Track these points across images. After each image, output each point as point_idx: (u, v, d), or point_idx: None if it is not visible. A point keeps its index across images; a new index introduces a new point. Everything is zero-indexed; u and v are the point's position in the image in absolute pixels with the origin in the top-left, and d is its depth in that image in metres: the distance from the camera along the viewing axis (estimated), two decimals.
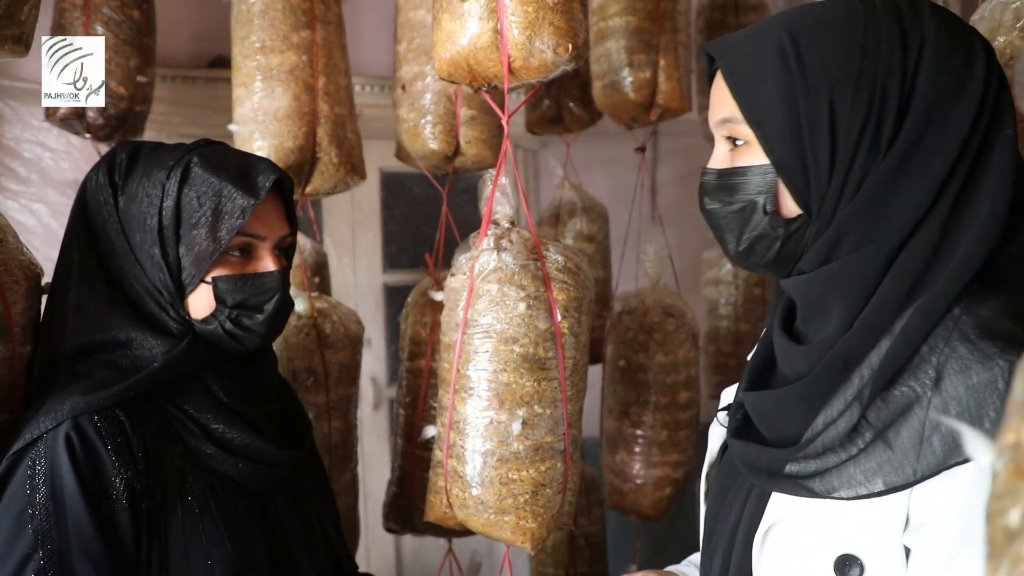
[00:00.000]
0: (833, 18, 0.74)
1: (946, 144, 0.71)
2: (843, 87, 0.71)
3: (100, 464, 0.92)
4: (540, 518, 1.14)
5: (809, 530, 0.74)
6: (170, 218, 1.01)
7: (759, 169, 0.76)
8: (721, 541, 0.83)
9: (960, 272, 0.69)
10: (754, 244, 0.79)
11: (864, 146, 0.72)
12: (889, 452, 0.68)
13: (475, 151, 1.57)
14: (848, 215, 0.73)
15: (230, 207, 1.01)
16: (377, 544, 2.73)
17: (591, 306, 1.21)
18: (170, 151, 1.06)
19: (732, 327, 2.41)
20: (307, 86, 1.46)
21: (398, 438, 1.69)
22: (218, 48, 2.36)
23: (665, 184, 3.03)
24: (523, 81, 1.10)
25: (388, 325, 2.90)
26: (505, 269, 1.13)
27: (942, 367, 0.67)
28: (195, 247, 1.01)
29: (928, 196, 0.70)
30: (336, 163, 1.50)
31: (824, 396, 0.73)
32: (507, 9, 1.01)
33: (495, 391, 1.12)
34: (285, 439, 1.13)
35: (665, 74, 1.88)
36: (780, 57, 0.73)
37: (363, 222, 2.87)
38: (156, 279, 1.02)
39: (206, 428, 1.02)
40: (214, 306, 1.04)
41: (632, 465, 1.89)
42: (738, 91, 0.76)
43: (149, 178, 1.03)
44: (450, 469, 1.18)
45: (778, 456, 0.75)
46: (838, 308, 0.74)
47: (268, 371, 1.17)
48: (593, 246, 2.25)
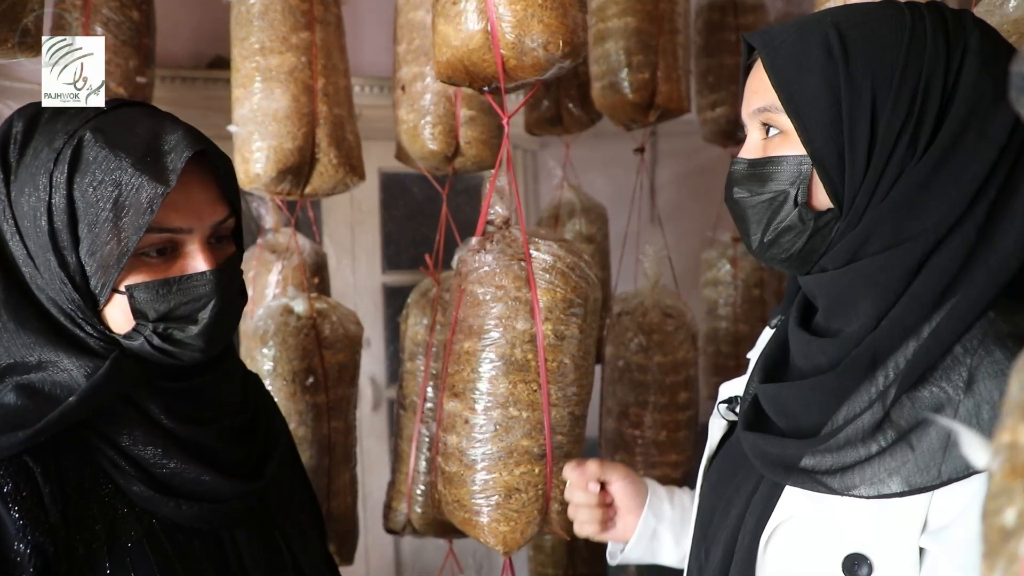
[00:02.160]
0: (879, 17, 0.75)
1: (984, 150, 0.71)
2: (886, 84, 0.72)
3: (1, 528, 0.74)
4: (513, 522, 1.12)
5: (819, 527, 0.74)
6: (62, 216, 0.80)
7: (794, 160, 0.77)
8: (722, 533, 0.83)
9: (996, 277, 0.69)
10: (781, 235, 0.79)
11: (902, 144, 0.72)
12: (911, 453, 0.68)
13: (475, 152, 1.57)
14: (879, 213, 0.73)
15: (134, 199, 0.80)
16: (376, 544, 2.73)
17: (593, 308, 1.17)
18: (64, 122, 0.84)
19: (731, 328, 2.42)
20: (306, 87, 1.46)
21: (397, 439, 1.70)
22: (217, 49, 2.36)
23: (664, 185, 3.03)
24: (521, 80, 1.10)
25: (387, 326, 2.90)
26: (486, 270, 1.13)
27: (975, 370, 0.67)
28: (97, 251, 0.81)
29: (963, 200, 0.71)
30: (335, 164, 1.50)
31: (848, 391, 0.73)
32: (496, 9, 1.02)
33: (472, 391, 1.13)
34: (247, 461, 0.94)
35: (664, 75, 1.88)
36: (825, 50, 0.74)
37: (362, 223, 2.87)
38: (58, 291, 0.83)
39: (141, 464, 0.84)
40: (134, 320, 0.85)
41: (631, 465, 1.89)
42: (780, 80, 0.76)
43: (36, 161, 0.81)
44: (438, 466, 1.19)
45: (795, 448, 0.75)
46: (866, 305, 0.74)
47: (225, 380, 0.96)
48: (592, 247, 2.25)
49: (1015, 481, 0.26)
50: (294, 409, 1.51)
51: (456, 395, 1.15)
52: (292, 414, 1.50)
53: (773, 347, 0.86)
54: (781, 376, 0.83)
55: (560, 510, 1.15)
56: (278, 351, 1.50)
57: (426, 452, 1.57)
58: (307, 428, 1.52)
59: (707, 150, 2.50)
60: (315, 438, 1.53)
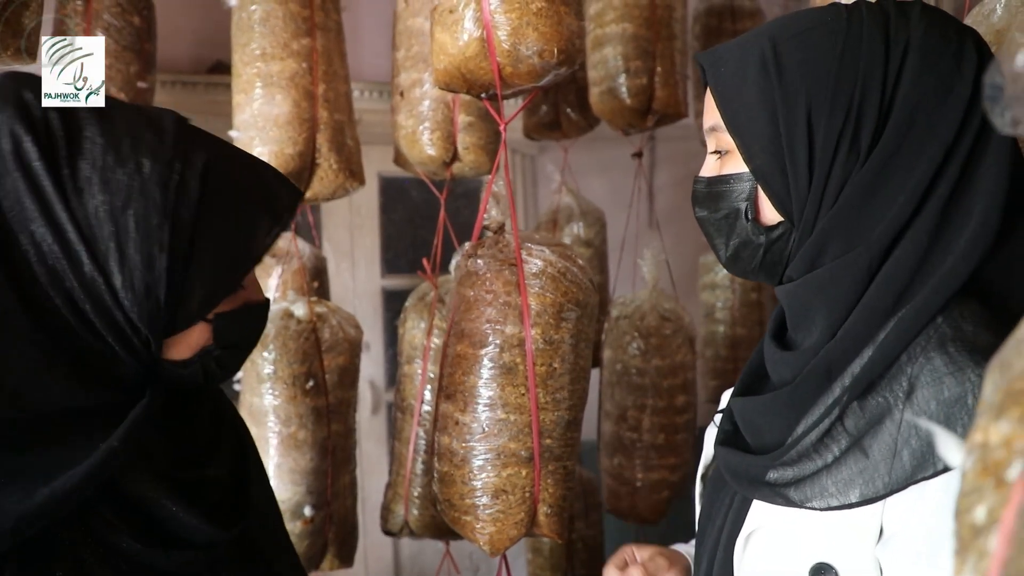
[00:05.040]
0: (816, 25, 0.74)
1: (929, 149, 0.69)
2: (821, 94, 0.71)
3: None
4: (499, 523, 1.13)
5: (786, 538, 0.74)
6: (183, 239, 0.74)
7: (741, 177, 0.77)
8: (708, 545, 0.84)
9: (945, 284, 0.68)
10: (739, 251, 0.79)
11: (842, 152, 0.71)
12: (865, 462, 0.68)
13: (473, 157, 1.58)
14: (830, 222, 0.72)
15: (256, 233, 0.79)
16: (375, 546, 2.74)
17: (587, 312, 1.17)
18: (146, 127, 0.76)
19: (729, 331, 2.43)
20: (307, 93, 1.47)
21: (395, 441, 1.71)
22: (218, 54, 2.37)
23: (662, 189, 3.04)
24: (518, 87, 1.11)
25: (386, 329, 2.91)
26: (478, 274, 1.14)
27: (915, 378, 0.66)
28: (209, 281, 0.76)
29: (910, 202, 0.69)
30: (335, 169, 1.51)
31: (806, 404, 0.73)
32: (491, 17, 1.03)
33: (463, 393, 1.14)
34: (230, 496, 0.87)
35: (662, 80, 1.89)
36: (761, 66, 0.74)
37: (362, 227, 2.88)
38: (131, 306, 0.72)
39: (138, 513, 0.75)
40: (202, 345, 0.80)
41: (629, 469, 1.90)
42: (721, 100, 0.77)
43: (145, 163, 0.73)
44: (433, 466, 1.21)
45: (758, 463, 0.76)
46: (822, 316, 0.74)
47: (213, 411, 0.91)
48: (590, 251, 2.26)
49: (986, 479, 0.27)
50: (294, 412, 1.52)
51: (448, 396, 1.17)
52: (292, 417, 1.51)
53: (755, 359, 0.87)
54: (759, 389, 0.84)
55: (549, 513, 1.15)
56: (278, 355, 1.51)
57: (423, 454, 1.58)
58: (307, 431, 1.53)
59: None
60: (315, 441, 1.54)
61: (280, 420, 1.51)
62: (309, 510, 1.53)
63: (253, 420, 1.51)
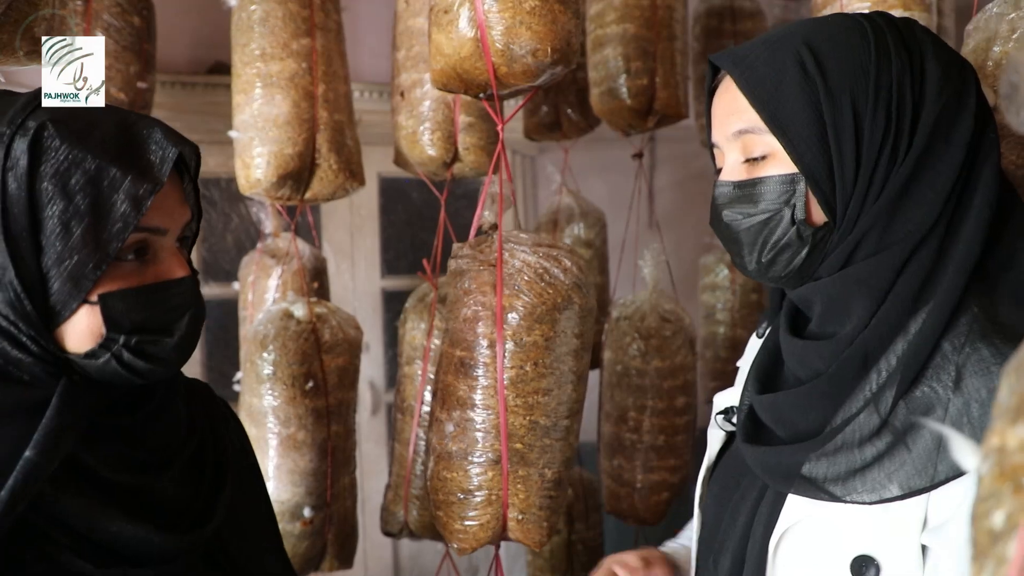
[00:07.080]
0: (844, 31, 0.77)
1: (952, 152, 0.74)
2: (863, 95, 0.74)
3: None
4: (467, 522, 1.13)
5: (826, 532, 0.75)
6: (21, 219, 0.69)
7: (784, 178, 0.77)
8: (730, 542, 0.84)
9: (963, 264, 0.72)
10: (779, 254, 0.79)
11: (886, 153, 0.74)
12: (908, 454, 0.70)
13: (473, 158, 1.58)
14: (869, 220, 0.75)
15: (118, 197, 0.71)
16: (375, 548, 2.73)
17: (573, 315, 1.12)
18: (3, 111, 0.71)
19: (729, 332, 2.42)
20: (307, 93, 1.47)
21: (395, 442, 1.70)
22: (217, 54, 2.37)
23: (662, 190, 3.04)
24: (514, 87, 1.10)
25: (386, 330, 2.91)
26: (460, 273, 1.15)
27: (962, 367, 0.69)
28: (67, 258, 0.70)
29: (939, 200, 0.74)
30: (335, 169, 1.51)
31: (843, 393, 0.75)
32: (485, 17, 1.02)
33: (442, 391, 1.15)
34: (195, 501, 0.82)
35: (662, 81, 1.89)
36: (800, 66, 0.75)
37: (362, 228, 2.88)
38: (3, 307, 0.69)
39: (77, 532, 0.71)
40: (102, 333, 0.73)
41: (629, 470, 1.90)
42: (758, 100, 0.77)
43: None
44: (426, 463, 1.22)
45: (794, 454, 0.76)
46: (859, 306, 0.76)
47: (167, 411, 0.84)
48: (591, 252, 2.26)
49: (1004, 484, 0.27)
50: (294, 413, 1.51)
51: (434, 394, 1.19)
52: (292, 418, 1.51)
53: (764, 357, 0.87)
54: (776, 385, 0.84)
55: (520, 518, 1.13)
56: (278, 355, 1.51)
57: (423, 456, 1.58)
58: (307, 432, 1.52)
59: (705, 155, 2.48)
60: (315, 442, 1.53)
61: (279, 421, 1.50)
62: (308, 511, 1.53)
63: (252, 421, 1.50)
